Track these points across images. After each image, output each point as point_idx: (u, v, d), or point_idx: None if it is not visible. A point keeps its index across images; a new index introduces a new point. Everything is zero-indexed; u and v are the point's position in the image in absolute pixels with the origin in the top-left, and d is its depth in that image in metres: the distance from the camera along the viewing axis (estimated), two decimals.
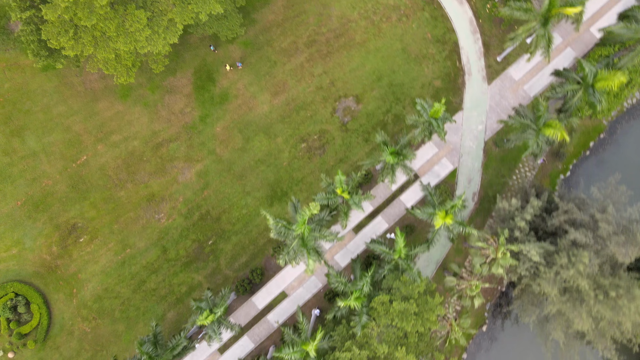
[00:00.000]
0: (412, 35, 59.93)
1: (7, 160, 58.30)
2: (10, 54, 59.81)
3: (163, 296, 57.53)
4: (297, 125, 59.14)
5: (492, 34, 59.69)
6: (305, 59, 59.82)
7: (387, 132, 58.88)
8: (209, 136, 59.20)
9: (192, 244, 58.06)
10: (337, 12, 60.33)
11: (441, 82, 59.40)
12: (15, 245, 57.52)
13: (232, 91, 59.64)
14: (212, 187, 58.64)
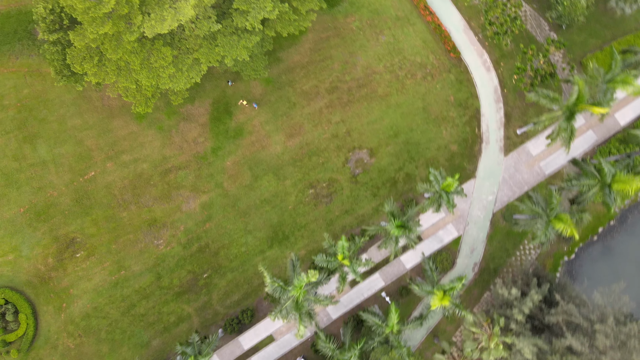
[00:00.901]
0: (434, 96, 59.46)
1: (16, 165, 58.38)
2: (34, 59, 59.90)
3: (151, 323, 57.33)
4: (307, 170, 58.81)
5: (516, 105, 59.10)
6: (325, 105, 59.49)
7: (397, 190, 58.45)
8: (219, 169, 58.98)
9: (187, 274, 57.86)
10: (363, 62, 59.96)
11: (457, 147, 58.89)
12: (12, 252, 57.56)
13: (247, 127, 59.42)
14: (214, 220, 58.41)
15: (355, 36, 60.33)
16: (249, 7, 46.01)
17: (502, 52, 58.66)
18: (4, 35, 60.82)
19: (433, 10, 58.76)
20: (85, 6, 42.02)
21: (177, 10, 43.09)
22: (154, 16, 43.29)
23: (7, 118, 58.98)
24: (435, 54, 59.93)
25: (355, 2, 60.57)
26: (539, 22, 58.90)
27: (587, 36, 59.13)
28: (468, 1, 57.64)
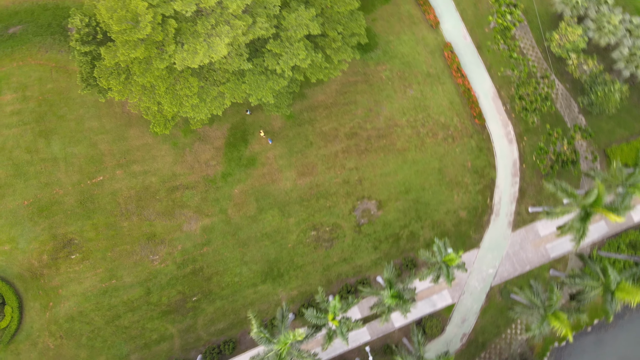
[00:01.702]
0: (452, 159, 58.92)
1: (28, 158, 58.55)
2: (62, 55, 60.09)
3: (133, 337, 57.25)
4: (313, 211, 58.49)
5: (532, 182, 58.41)
6: (342, 149, 59.14)
7: (399, 247, 57.97)
8: (225, 195, 58.82)
9: (177, 294, 57.70)
10: (387, 112, 59.57)
11: (466, 214, 58.30)
12: (9, 242, 57.71)
13: (261, 158, 59.20)
14: (213, 245, 58.24)
15: (384, 85, 59.95)
16: (282, 51, 45.77)
17: (527, 127, 58.02)
18: (37, 26, 61.09)
19: (465, 73, 58.25)
20: (121, 28, 41.99)
21: (210, 45, 42.94)
22: (187, 47, 43.17)
23: (27, 109, 59.21)
24: (460, 117, 59.43)
25: (389, 51, 60.21)
26: (569, 103, 58.22)
27: (616, 125, 58.35)
28: (502, 71, 57.09)
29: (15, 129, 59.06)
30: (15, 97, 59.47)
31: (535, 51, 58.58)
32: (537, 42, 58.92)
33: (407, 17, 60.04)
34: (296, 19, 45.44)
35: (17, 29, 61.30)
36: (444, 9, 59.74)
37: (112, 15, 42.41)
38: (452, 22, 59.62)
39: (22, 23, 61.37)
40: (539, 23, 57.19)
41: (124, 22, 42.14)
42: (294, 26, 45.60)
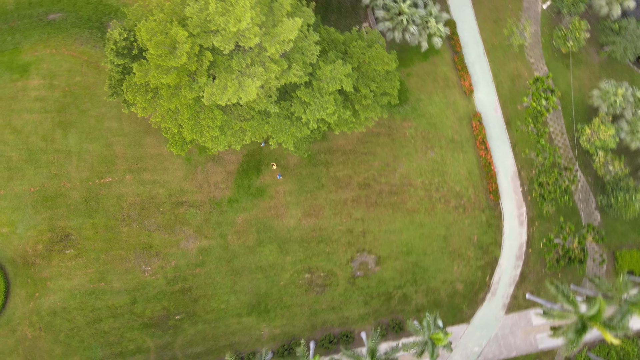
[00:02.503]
0: (459, 229, 58.26)
1: (42, 145, 58.69)
2: (96, 51, 60.15)
3: (110, 343, 57.18)
4: (311, 254, 58.08)
5: (535, 269, 57.61)
6: (352, 198, 58.70)
7: (389, 306, 57.39)
8: (228, 220, 58.58)
9: (161, 309, 57.53)
10: (404, 170, 59.05)
11: (463, 288, 57.60)
12: (8, 226, 57.87)
13: (270, 190, 58.91)
14: (206, 268, 58.03)
15: (406, 142, 59.44)
16: (311, 100, 45.42)
17: (541, 213, 57.23)
18: (77, 18, 61.25)
19: (489, 147, 57.60)
20: (157, 52, 41.84)
21: (241, 84, 42.68)
22: (217, 82, 42.94)
23: (51, 98, 59.37)
24: (476, 189, 58.76)
25: (417, 109, 59.70)
26: (588, 197, 57.37)
27: (630, 229, 57.38)
28: (526, 152, 56.43)
29: (36, 114, 59.26)
30: (42, 83, 59.67)
31: (564, 138, 57.80)
32: (567, 129, 58.17)
33: (442, 78, 59.49)
34: (331, 72, 45.09)
35: (57, 16, 61.52)
36: (481, 78, 59.11)
37: (152, 37, 42.30)
38: (486, 92, 59.00)
39: (63, 12, 61.59)
40: (573, 112, 56.43)
41: (161, 46, 42.01)
42: (327, 78, 45.24)
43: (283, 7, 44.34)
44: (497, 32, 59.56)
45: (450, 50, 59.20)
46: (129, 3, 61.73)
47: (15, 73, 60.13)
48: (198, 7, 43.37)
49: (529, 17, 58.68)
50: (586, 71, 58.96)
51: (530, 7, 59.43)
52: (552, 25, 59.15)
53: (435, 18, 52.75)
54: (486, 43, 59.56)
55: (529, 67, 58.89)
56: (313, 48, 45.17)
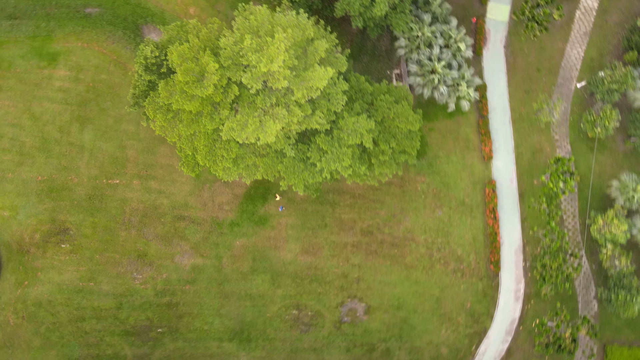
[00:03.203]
0: (454, 293, 57.60)
1: (57, 136, 58.76)
2: (126, 52, 60.06)
3: (89, 344, 57.07)
4: (303, 291, 57.64)
5: (522, 347, 56.82)
6: (352, 243, 58.23)
7: (370, 358, 56.81)
8: (226, 243, 58.33)
9: (145, 320, 57.37)
10: (409, 224, 58.51)
11: (448, 353, 56.91)
12: (10, 210, 57.97)
13: (272, 221, 58.59)
14: (196, 286, 57.79)
15: (416, 196, 58.91)
16: (329, 149, 45.05)
17: (538, 293, 56.47)
18: (114, 16, 61.28)
19: (498, 216, 56.96)
20: (185, 79, 41.67)
21: (262, 123, 42.41)
22: (239, 117, 42.71)
23: (74, 91, 59.41)
24: (478, 256, 58.11)
25: (434, 165, 59.13)
26: (589, 284, 56.54)
27: (625, 325, 56.48)
28: (535, 230, 55.74)
29: (57, 105, 59.37)
30: (68, 75, 59.75)
31: (575, 221, 57.03)
32: (580, 213, 57.38)
33: (463, 139, 58.93)
34: (354, 124, 44.73)
35: (94, 11, 61.62)
36: (502, 146, 58.48)
37: (182, 62, 42.17)
38: (505, 161, 58.34)
39: (101, 7, 61.65)
40: (589, 198, 55.68)
41: (190, 74, 41.87)
42: (349, 130, 44.90)
43: (318, 52, 44.08)
44: (526, 102, 58.90)
45: (476, 113, 58.64)
46: (167, 10, 61.72)
47: (44, 60, 60.29)
48: (233, 40, 43.23)
49: (561, 94, 57.98)
50: (609, 157, 58.16)
51: (564, 83, 58.75)
52: (583, 106, 58.41)
53: (467, 82, 52.26)
54: (514, 111, 58.91)
55: (553, 143, 58.19)
56: (340, 97, 44.84)
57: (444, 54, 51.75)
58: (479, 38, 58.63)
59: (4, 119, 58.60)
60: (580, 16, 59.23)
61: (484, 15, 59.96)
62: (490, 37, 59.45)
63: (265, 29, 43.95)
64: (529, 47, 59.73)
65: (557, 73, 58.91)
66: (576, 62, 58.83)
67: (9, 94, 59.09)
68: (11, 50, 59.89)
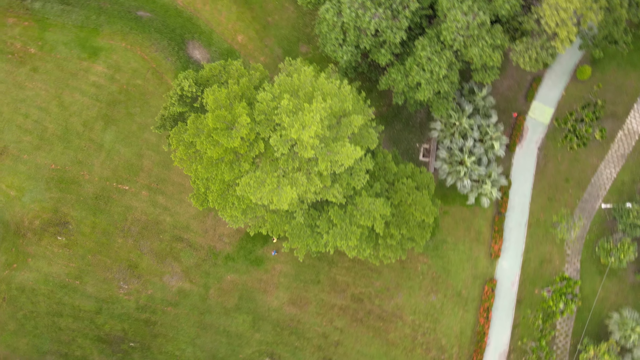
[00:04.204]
0: None
1: (80, 130, 58.86)
2: (166, 63, 59.97)
3: (60, 341, 57.13)
4: (280, 341, 57.11)
5: None
6: (340, 306, 57.63)
7: None
8: (217, 275, 58.05)
9: (120, 331, 57.27)
10: (400, 301, 57.76)
11: None
12: (17, 191, 58.15)
13: (267, 264, 58.17)
14: (178, 310, 57.55)
15: (414, 275, 58.15)
16: (339, 223, 44.53)
17: None
18: (163, 25, 61.25)
19: (491, 317, 55.95)
20: (215, 125, 41.32)
21: (279, 186, 41.99)
22: (258, 174, 42.36)
23: (107, 89, 59.44)
24: (461, 351, 57.23)
25: (439, 249, 58.28)
26: None
27: None
28: (524, 342, 54.75)
29: (87, 98, 59.47)
30: (105, 72, 59.85)
31: (566, 342, 55.93)
32: (573, 335, 56.28)
33: (475, 231, 58.08)
34: (369, 205, 44.12)
35: (146, 15, 61.65)
36: (512, 246, 57.51)
37: (215, 108, 41.90)
38: (511, 263, 57.42)
39: (153, 13, 61.69)
40: (587, 323, 54.57)
41: (220, 121, 41.59)
42: (363, 209, 44.32)
43: (351, 125, 43.53)
44: (547, 209, 57.90)
45: (494, 208, 57.74)
46: (215, 32, 61.40)
47: (85, 52, 60.41)
48: (271, 96, 42.86)
49: (583, 210, 56.89)
50: (617, 285, 56.95)
51: (589, 200, 57.69)
52: (603, 229, 57.31)
53: (492, 182, 51.52)
54: (532, 215, 57.94)
55: (563, 257, 57.15)
56: (362, 175, 44.22)
57: (476, 148, 51.04)
58: (515, 134, 57.77)
59: (33, 100, 58.97)
60: (621, 137, 58.12)
61: (525, 112, 59.13)
62: (526, 136, 58.56)
63: (305, 91, 43.54)
64: (562, 155, 58.77)
65: (584, 188, 57.88)
66: (606, 181, 57.73)
67: (45, 77, 59.44)
68: (56, 35, 60.23)
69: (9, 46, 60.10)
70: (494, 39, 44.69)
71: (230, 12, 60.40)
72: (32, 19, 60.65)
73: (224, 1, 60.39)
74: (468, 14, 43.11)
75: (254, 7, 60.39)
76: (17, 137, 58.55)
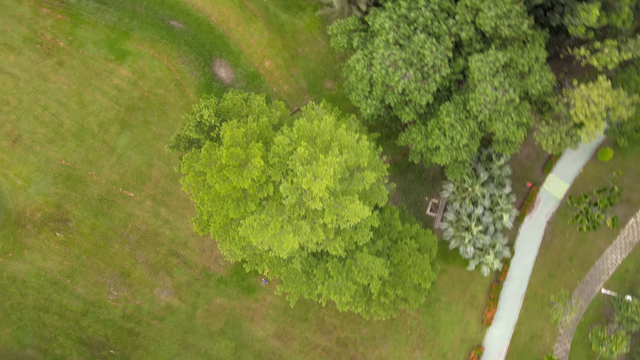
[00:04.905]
0: None
1: (95, 130, 58.85)
2: (191, 77, 59.87)
3: (42, 336, 57.10)
4: None
5: None
6: (324, 347, 56.95)
7: None
8: (207, 296, 57.86)
9: (102, 336, 57.16)
10: (384, 352, 56.87)
11: None
12: (24, 180, 58.24)
13: (258, 294, 57.87)
14: (162, 324, 57.32)
15: (402, 329, 57.60)
16: (335, 276, 44.07)
17: None
18: (194, 38, 61.15)
19: None
20: (228, 161, 41.09)
21: (282, 233, 41.69)
22: (263, 216, 42.03)
23: (128, 94, 59.41)
24: None
25: (431, 306, 57.59)
26: None
27: None
28: None
29: (107, 100, 59.46)
30: (129, 77, 59.86)
31: None
32: None
33: (470, 294, 57.48)
34: (369, 263, 43.76)
35: (178, 26, 61.56)
36: (505, 316, 56.78)
37: (231, 144, 41.68)
38: (501, 332, 56.80)
39: (185, 25, 61.61)
40: None
41: (234, 158, 41.38)
42: (362, 266, 43.97)
43: (364, 181, 43.18)
44: (546, 285, 57.18)
45: (493, 275, 57.15)
46: (244, 53, 61.11)
47: (113, 54, 60.38)
48: (288, 140, 42.58)
49: (582, 292, 56.16)
50: None
51: (590, 282, 56.92)
52: (600, 313, 56.55)
53: (495, 253, 50.98)
54: (530, 288, 57.22)
55: (555, 335, 56.45)
56: (366, 232, 43.82)
57: (484, 217, 50.51)
58: (526, 204, 57.15)
59: (54, 94, 59.07)
60: (633, 224, 57.33)
61: (540, 184, 58.46)
62: (537, 207, 57.92)
63: (323, 139, 43.21)
64: (570, 233, 58.04)
65: (587, 270, 57.13)
66: (610, 267, 56.96)
67: (69, 72, 59.52)
68: (87, 32, 60.29)
69: (39, 36, 60.34)
70: (520, 116, 44.16)
71: (262, 36, 60.29)
72: (66, 12, 60.88)
73: (257, 25, 60.35)
74: (498, 89, 42.61)
75: (286, 35, 60.23)
76: (32, 127, 58.79)
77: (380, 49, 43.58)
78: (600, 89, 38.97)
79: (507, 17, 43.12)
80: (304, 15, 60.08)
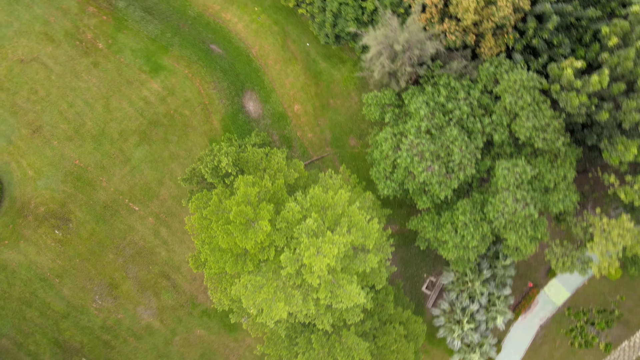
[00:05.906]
0: None
1: (115, 137, 58.80)
2: (219, 105, 59.69)
3: (20, 329, 57.07)
4: None
5: None
6: None
7: None
8: (188, 325, 57.66)
9: (77, 342, 57.07)
10: None
11: None
12: (35, 172, 58.32)
13: (240, 334, 57.32)
14: (139, 344, 57.13)
15: None
16: (318, 349, 43.66)
17: None
18: (230, 67, 60.89)
19: None
20: (235, 218, 40.76)
21: (274, 297, 41.34)
22: (258, 278, 41.69)
23: (154, 108, 59.28)
24: None
25: None
26: None
27: None
28: None
29: (133, 110, 59.43)
30: (159, 92, 59.82)
31: None
32: None
33: None
34: (353, 343, 43.22)
35: (218, 51, 61.39)
36: None
37: (241, 203, 41.35)
38: None
39: (225, 52, 61.38)
40: None
41: (242, 216, 41.06)
42: (345, 344, 43.44)
43: (365, 263, 42.69)
44: None
45: None
46: (275, 92, 60.76)
47: (148, 65, 60.37)
48: (299, 208, 42.20)
49: None
50: None
51: None
52: None
53: (482, 353, 50.19)
54: None
55: None
56: (357, 312, 43.37)
57: (478, 314, 49.76)
58: (523, 303, 56.23)
59: (83, 93, 59.18)
60: (625, 347, 56.22)
61: (541, 286, 57.48)
62: (533, 309, 56.98)
63: (334, 211, 42.83)
64: (561, 342, 56.98)
65: None
66: None
67: (102, 74, 59.60)
68: (128, 39, 60.37)
69: (80, 33, 60.49)
70: (535, 231, 43.43)
71: (297, 79, 59.97)
72: (111, 15, 61.02)
73: (295, 67, 60.04)
74: (519, 202, 41.93)
75: (321, 84, 59.88)
76: (54, 121, 58.93)
77: (410, 135, 43.06)
78: (621, 229, 38.21)
79: (544, 131, 42.48)
80: (343, 68, 59.72)
